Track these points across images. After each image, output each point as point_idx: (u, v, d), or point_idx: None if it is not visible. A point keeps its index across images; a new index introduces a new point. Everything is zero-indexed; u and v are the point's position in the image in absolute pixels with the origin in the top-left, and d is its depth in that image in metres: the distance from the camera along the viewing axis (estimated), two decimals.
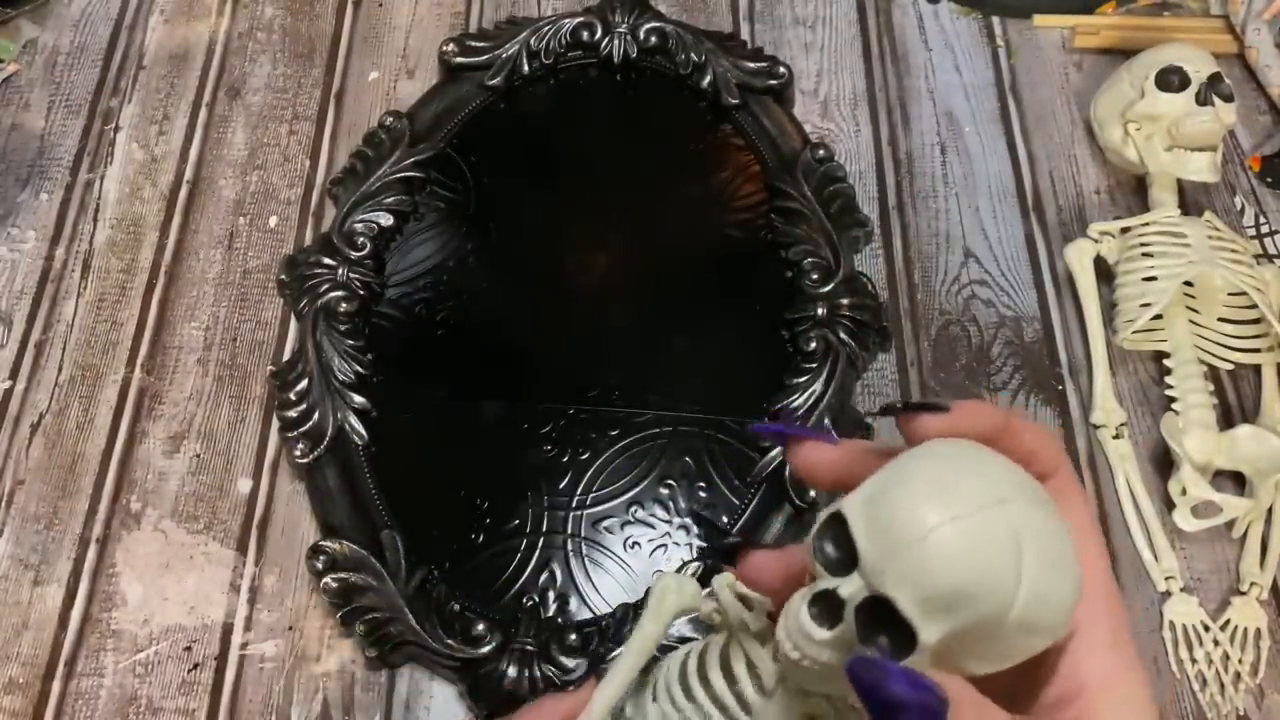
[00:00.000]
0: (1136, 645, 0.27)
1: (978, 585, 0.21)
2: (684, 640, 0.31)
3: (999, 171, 0.68)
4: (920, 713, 0.21)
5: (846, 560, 0.23)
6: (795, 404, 0.57)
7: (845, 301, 0.60)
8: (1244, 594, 0.54)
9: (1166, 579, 0.55)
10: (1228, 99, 0.61)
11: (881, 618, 0.22)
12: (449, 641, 0.52)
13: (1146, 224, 0.60)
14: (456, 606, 0.53)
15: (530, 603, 0.54)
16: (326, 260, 0.63)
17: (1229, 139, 0.68)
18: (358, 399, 0.59)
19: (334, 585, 0.53)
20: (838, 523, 0.23)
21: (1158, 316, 0.58)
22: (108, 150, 0.71)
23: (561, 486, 0.57)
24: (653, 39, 0.69)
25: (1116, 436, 0.58)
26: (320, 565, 0.54)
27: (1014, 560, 0.22)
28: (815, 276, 0.61)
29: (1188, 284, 0.60)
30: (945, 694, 0.22)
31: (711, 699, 0.29)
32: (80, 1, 0.77)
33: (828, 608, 0.24)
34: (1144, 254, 0.59)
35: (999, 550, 0.21)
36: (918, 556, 0.21)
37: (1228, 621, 0.54)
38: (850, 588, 0.23)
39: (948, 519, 0.21)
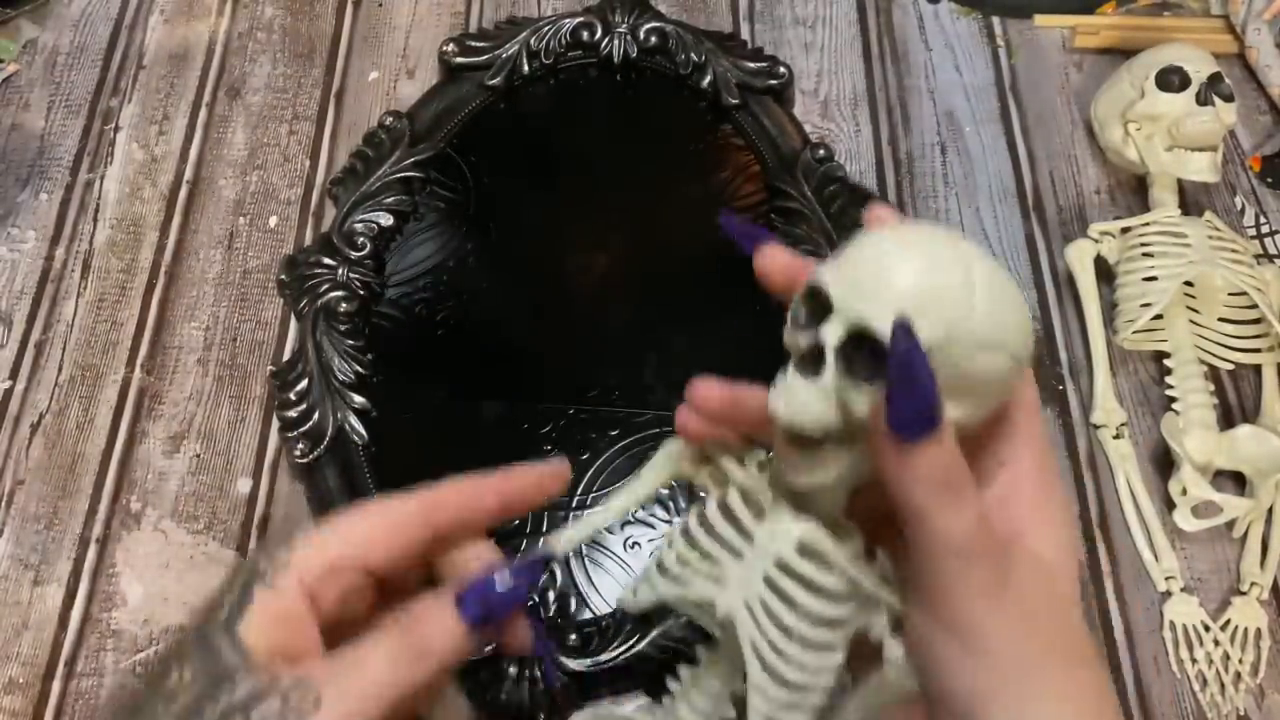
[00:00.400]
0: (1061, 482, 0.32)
1: (934, 288, 0.25)
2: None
3: (999, 171, 0.68)
4: (924, 401, 0.25)
5: (820, 314, 0.27)
6: None
7: None
8: (1244, 594, 0.54)
9: (1167, 579, 0.55)
10: (1228, 99, 0.61)
11: (861, 357, 0.26)
12: None
13: (1147, 224, 0.60)
14: None
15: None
16: (326, 260, 0.63)
17: (1229, 139, 0.68)
18: (357, 399, 0.59)
19: None
20: (809, 294, 0.27)
21: (1158, 316, 0.58)
22: (108, 150, 0.71)
23: None
24: (653, 39, 0.69)
25: (1117, 436, 0.58)
26: None
27: (965, 272, 0.26)
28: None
29: (1188, 284, 0.60)
30: (940, 419, 0.26)
31: (715, 538, 0.31)
32: (80, 1, 0.77)
33: (811, 363, 0.27)
34: (1144, 254, 0.58)
35: (950, 263, 0.26)
36: (879, 273, 0.26)
37: (1228, 621, 0.54)
38: (827, 330, 0.26)
39: (902, 246, 0.26)
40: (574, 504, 0.56)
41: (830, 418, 0.27)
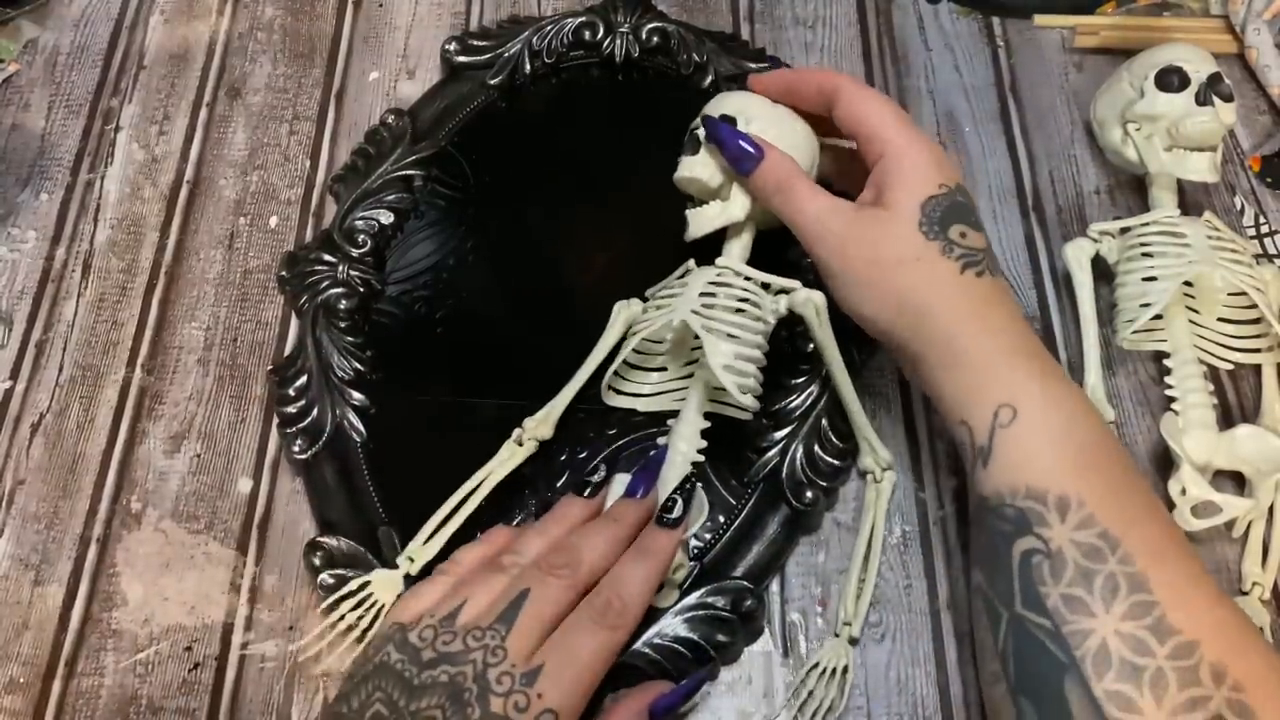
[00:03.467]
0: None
1: (745, 104, 0.54)
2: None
3: (999, 171, 0.68)
4: (735, 149, 0.51)
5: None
6: (793, 404, 0.57)
7: None
8: (1245, 594, 0.54)
9: None
10: (1228, 99, 0.61)
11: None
12: None
13: (1146, 224, 0.59)
14: None
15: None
16: (327, 257, 0.63)
17: (1229, 139, 0.68)
18: (356, 396, 0.59)
19: (330, 581, 0.53)
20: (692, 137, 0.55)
21: (1158, 316, 0.58)
22: (108, 150, 0.71)
23: (559, 485, 0.57)
24: (655, 39, 0.69)
25: None
26: (317, 561, 0.54)
27: (763, 103, 0.54)
28: (814, 277, 0.61)
29: (1188, 284, 0.60)
30: (763, 150, 0.51)
31: (661, 301, 0.55)
32: (80, 1, 0.77)
33: (693, 149, 0.54)
34: (1144, 254, 0.58)
35: (758, 101, 0.54)
36: (722, 101, 0.55)
37: None
38: (698, 130, 0.54)
39: (738, 95, 0.55)
40: None
41: (706, 174, 0.53)
